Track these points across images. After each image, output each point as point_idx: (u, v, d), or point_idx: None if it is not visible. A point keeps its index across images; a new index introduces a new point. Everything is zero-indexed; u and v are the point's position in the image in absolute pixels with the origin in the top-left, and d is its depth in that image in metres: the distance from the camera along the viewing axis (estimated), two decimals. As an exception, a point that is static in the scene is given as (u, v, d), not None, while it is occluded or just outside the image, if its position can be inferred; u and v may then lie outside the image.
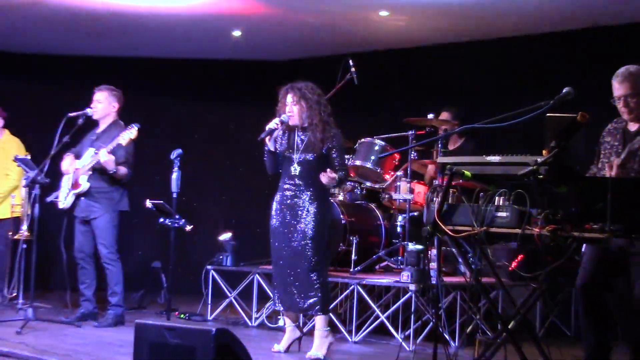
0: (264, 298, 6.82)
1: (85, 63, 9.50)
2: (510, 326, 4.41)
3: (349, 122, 6.46)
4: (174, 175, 6.87)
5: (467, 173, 4.20)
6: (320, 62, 8.84)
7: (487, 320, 6.11)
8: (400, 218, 7.07)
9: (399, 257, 6.84)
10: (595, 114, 4.05)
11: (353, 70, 6.95)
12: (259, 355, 5.09)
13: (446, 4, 7.32)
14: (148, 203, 7.14)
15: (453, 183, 4.31)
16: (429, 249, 6.18)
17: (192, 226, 7.08)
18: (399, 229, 7.05)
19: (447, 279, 6.24)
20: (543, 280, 4.48)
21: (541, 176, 3.87)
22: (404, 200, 6.79)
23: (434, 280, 5.67)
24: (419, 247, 6.18)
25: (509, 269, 6.22)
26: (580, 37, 7.63)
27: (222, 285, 7.12)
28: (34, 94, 9.48)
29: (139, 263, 8.77)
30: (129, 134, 6.36)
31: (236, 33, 8.53)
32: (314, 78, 5.67)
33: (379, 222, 7.09)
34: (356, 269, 6.63)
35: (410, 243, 6.43)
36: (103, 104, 6.73)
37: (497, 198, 4.12)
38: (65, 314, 6.77)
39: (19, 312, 6.91)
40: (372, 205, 7.23)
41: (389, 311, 6.27)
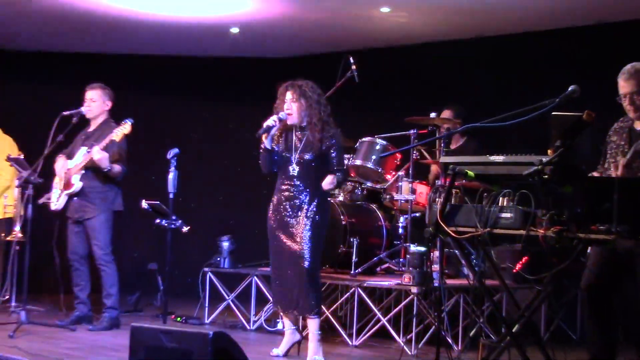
0: (262, 301, 6.79)
1: (79, 61, 9.44)
2: (514, 329, 4.40)
3: (350, 121, 6.43)
4: (171, 175, 6.77)
5: (471, 173, 4.20)
6: (320, 60, 8.84)
7: (490, 323, 6.07)
8: (401, 219, 7.01)
9: (401, 259, 6.80)
10: (599, 113, 4.01)
11: (354, 68, 6.91)
12: (257, 360, 5.03)
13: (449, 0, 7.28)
14: (144, 203, 7.07)
15: (456, 183, 4.31)
16: (432, 250, 6.12)
17: (189, 227, 7.01)
18: (400, 230, 7.00)
19: (449, 282, 6.23)
20: (548, 282, 4.45)
21: (546, 176, 3.87)
22: (406, 200, 6.75)
23: (436, 283, 5.68)
24: (421, 248, 6.17)
25: (513, 271, 6.20)
26: (585, 34, 7.61)
27: (220, 287, 7.08)
28: (27, 92, 9.40)
29: (134, 265, 8.77)
30: (122, 130, 6.35)
31: (234, 30, 8.49)
32: (313, 76, 5.64)
33: (380, 223, 7.03)
34: (357, 271, 6.58)
35: (412, 245, 6.40)
36: (97, 102, 6.72)
37: (501, 198, 4.12)
38: (59, 317, 6.72)
39: (12, 315, 6.87)
40: (373, 205, 7.18)
41: (391, 314, 6.22)
